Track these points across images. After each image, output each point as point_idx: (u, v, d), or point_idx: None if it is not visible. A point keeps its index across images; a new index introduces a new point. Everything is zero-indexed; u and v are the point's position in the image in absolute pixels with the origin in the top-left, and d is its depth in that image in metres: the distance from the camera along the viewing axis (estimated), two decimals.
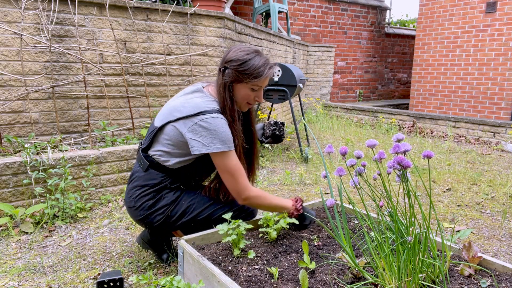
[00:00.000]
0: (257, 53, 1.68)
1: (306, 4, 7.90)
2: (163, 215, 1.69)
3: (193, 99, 1.66)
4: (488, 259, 1.43)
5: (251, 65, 1.63)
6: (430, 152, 1.18)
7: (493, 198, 2.94)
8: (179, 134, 1.62)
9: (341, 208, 1.42)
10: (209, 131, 1.56)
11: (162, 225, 1.71)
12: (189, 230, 1.77)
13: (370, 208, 2.27)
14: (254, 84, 1.66)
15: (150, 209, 1.68)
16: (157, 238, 1.86)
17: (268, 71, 1.67)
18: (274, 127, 1.86)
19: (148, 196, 1.69)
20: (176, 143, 1.64)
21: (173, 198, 1.70)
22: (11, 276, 1.76)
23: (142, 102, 3.45)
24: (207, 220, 1.73)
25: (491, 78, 6.32)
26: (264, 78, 1.67)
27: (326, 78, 7.69)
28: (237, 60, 1.64)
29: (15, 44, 2.81)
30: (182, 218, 1.70)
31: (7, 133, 2.83)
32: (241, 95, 1.68)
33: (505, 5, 6.06)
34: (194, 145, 1.58)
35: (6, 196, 2.33)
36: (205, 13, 3.63)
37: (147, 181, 1.69)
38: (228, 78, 1.65)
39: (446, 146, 4.91)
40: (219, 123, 1.58)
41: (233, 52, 1.67)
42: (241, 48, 1.69)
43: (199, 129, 1.57)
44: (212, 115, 1.58)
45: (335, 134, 5.58)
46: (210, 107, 1.61)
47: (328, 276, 1.38)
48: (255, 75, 1.64)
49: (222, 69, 1.67)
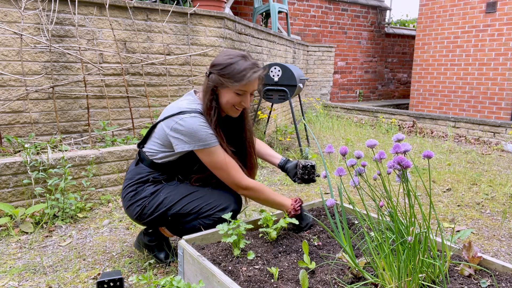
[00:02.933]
0: (243, 57, 1.66)
1: (306, 4, 7.90)
2: (140, 207, 1.72)
3: (181, 101, 1.74)
4: (488, 259, 1.43)
5: (232, 69, 1.62)
6: (430, 152, 1.18)
7: (493, 198, 2.94)
8: (164, 133, 1.69)
9: (341, 208, 1.42)
10: (187, 129, 1.61)
11: (139, 217, 1.74)
12: (173, 228, 1.81)
13: (370, 208, 2.27)
14: (237, 89, 1.65)
15: (131, 200, 1.74)
16: (153, 239, 1.86)
17: (251, 75, 1.63)
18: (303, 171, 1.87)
19: (132, 187, 1.75)
20: (163, 141, 1.71)
21: (152, 191, 1.73)
22: (11, 276, 1.76)
23: (142, 102, 3.45)
24: (179, 213, 1.72)
25: (491, 78, 6.32)
26: (246, 82, 1.63)
27: (326, 78, 7.69)
28: (220, 64, 1.65)
29: (15, 44, 2.81)
30: (157, 210, 1.71)
31: (7, 133, 2.83)
32: (225, 100, 1.68)
33: (505, 5, 6.06)
34: (176, 143, 1.65)
35: (6, 196, 2.33)
36: (205, 13, 3.63)
37: (135, 175, 1.77)
38: (212, 82, 1.67)
39: (446, 146, 4.91)
40: (196, 122, 1.62)
41: (218, 56, 1.70)
42: (227, 52, 1.69)
43: (179, 128, 1.63)
44: (191, 114, 1.63)
45: (335, 134, 5.58)
46: (191, 108, 1.66)
47: (328, 276, 1.38)
48: (236, 79, 1.62)
49: (208, 73, 1.70)
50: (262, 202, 1.77)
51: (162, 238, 1.88)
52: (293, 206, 1.77)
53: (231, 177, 1.69)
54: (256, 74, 1.65)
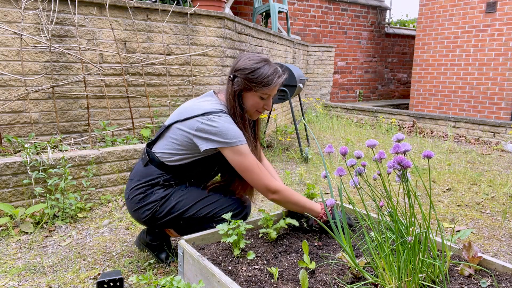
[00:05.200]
0: (266, 61, 1.71)
1: (306, 4, 7.90)
2: (151, 211, 1.70)
3: (202, 102, 1.72)
4: (488, 259, 1.43)
5: (260, 74, 1.66)
6: (430, 152, 1.18)
7: (493, 198, 2.94)
8: (185, 133, 1.66)
9: (341, 208, 1.42)
10: (217, 129, 1.60)
11: (150, 220, 1.72)
12: (181, 229, 1.79)
13: (370, 208, 2.27)
14: (263, 93, 1.69)
15: (140, 203, 1.71)
16: (155, 239, 1.86)
17: (277, 80, 1.69)
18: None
19: (140, 189, 1.72)
20: (181, 142, 1.68)
21: (162, 195, 1.71)
22: (11, 276, 1.76)
23: (142, 102, 3.45)
24: (193, 217, 1.72)
25: (491, 78, 6.32)
26: (273, 87, 1.69)
27: (326, 78, 7.69)
28: (246, 69, 1.67)
29: (15, 44, 2.81)
30: (170, 214, 1.71)
31: (7, 133, 2.83)
32: (250, 104, 1.71)
33: (505, 5, 6.06)
34: (201, 142, 1.62)
35: (6, 196, 2.33)
36: (205, 13, 3.63)
37: (144, 176, 1.74)
38: (238, 86, 1.69)
39: (446, 146, 4.91)
40: (226, 120, 1.62)
41: (242, 60, 1.70)
42: (251, 57, 1.71)
43: (206, 128, 1.61)
44: (217, 114, 1.63)
45: (335, 134, 5.58)
46: (217, 108, 1.66)
47: (328, 276, 1.38)
48: (264, 83, 1.66)
49: (232, 77, 1.70)
50: (291, 206, 1.72)
51: (164, 238, 1.88)
52: (323, 210, 1.71)
53: (262, 179, 1.64)
54: (281, 79, 1.71)
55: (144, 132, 3.27)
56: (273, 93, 1.73)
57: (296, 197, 1.70)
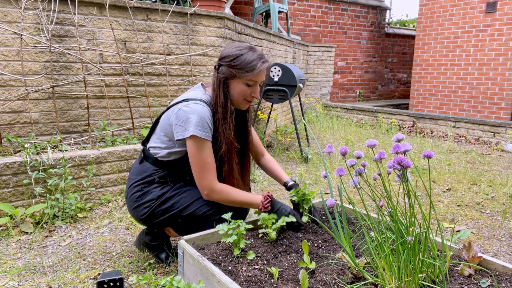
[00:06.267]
0: (250, 48, 1.70)
1: (306, 4, 7.90)
2: (149, 209, 1.70)
3: (188, 92, 1.75)
4: (488, 259, 1.43)
5: (243, 60, 1.65)
6: (430, 152, 1.18)
7: (493, 198, 2.94)
8: (168, 122, 1.68)
9: (341, 208, 1.42)
10: (187, 114, 1.60)
11: (148, 218, 1.72)
12: (180, 228, 1.79)
13: (370, 208, 2.27)
14: (248, 79, 1.67)
15: (138, 201, 1.72)
16: (154, 239, 1.86)
17: (261, 65, 1.67)
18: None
19: (137, 187, 1.73)
20: (166, 132, 1.70)
21: (159, 193, 1.71)
22: (11, 276, 1.76)
23: (142, 102, 3.45)
24: (191, 216, 1.71)
25: (491, 78, 6.32)
26: (257, 72, 1.66)
27: (326, 78, 7.69)
28: (229, 56, 1.67)
29: (15, 44, 2.81)
30: (168, 212, 1.71)
31: (7, 133, 2.83)
32: (237, 92, 1.69)
33: (505, 5, 6.06)
34: (177, 130, 1.63)
35: (6, 196, 2.33)
36: (205, 13, 3.63)
37: (140, 173, 1.75)
38: (222, 74, 1.68)
39: (446, 146, 4.91)
40: (199, 108, 1.61)
41: (226, 49, 1.71)
42: (235, 44, 1.72)
43: (180, 113, 1.62)
44: (195, 101, 1.64)
45: (335, 134, 5.58)
46: (197, 97, 1.67)
47: (328, 276, 1.38)
48: (247, 69, 1.65)
49: (217, 66, 1.71)
50: (231, 203, 1.71)
51: (163, 238, 1.88)
52: (262, 203, 1.71)
53: (208, 178, 1.64)
54: (265, 64, 1.69)
55: (144, 132, 3.27)
56: (259, 79, 1.69)
57: (231, 196, 1.69)
